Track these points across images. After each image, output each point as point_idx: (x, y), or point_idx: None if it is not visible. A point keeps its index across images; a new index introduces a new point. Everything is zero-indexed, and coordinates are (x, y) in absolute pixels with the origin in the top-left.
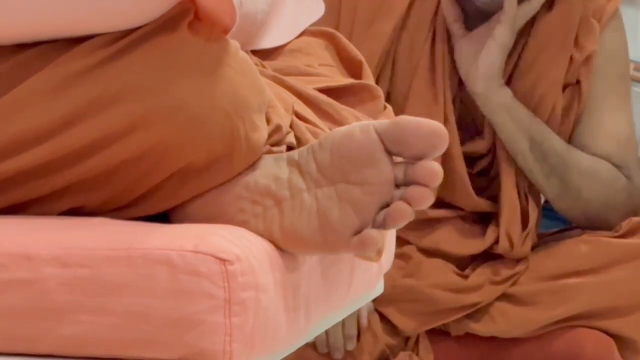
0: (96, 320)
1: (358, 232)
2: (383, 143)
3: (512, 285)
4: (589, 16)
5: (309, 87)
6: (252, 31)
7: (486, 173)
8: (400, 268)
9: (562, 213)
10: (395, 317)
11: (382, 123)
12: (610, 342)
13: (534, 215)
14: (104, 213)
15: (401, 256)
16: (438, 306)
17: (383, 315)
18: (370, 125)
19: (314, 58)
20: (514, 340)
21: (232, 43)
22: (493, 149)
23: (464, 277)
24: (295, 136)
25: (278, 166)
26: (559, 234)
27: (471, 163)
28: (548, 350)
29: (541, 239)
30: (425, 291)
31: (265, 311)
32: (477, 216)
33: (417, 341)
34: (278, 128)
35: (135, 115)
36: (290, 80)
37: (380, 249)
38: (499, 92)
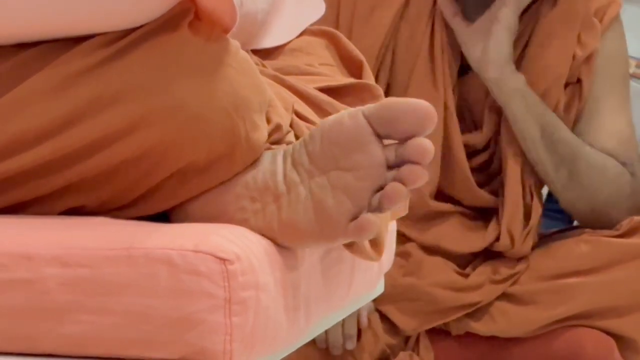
0: (96, 320)
1: (354, 218)
2: (372, 126)
3: (513, 284)
4: (591, 15)
5: (310, 87)
6: (253, 31)
7: (484, 169)
8: (400, 267)
9: (568, 207)
10: (395, 316)
11: (370, 107)
12: (610, 342)
13: (537, 213)
14: (104, 213)
15: (401, 254)
16: (438, 305)
17: (383, 314)
18: (358, 110)
19: (315, 57)
20: (514, 339)
21: (233, 43)
22: (493, 145)
23: (465, 276)
24: (295, 135)
25: (274, 162)
26: (559, 234)
27: (468, 158)
28: (548, 349)
29: (541, 239)
30: (425, 290)
31: (265, 311)
32: (479, 213)
33: (418, 341)
34: (278, 127)
35: (135, 115)
36: (290, 79)
37: (381, 247)
38: (514, 77)
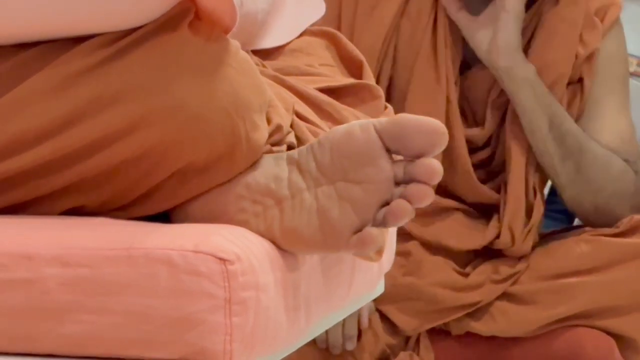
0: (96, 320)
1: (358, 231)
2: (382, 141)
3: (513, 284)
4: (592, 14)
5: (310, 87)
6: (253, 31)
7: (485, 166)
8: (400, 266)
9: (572, 203)
10: (395, 316)
11: (382, 121)
12: (610, 342)
13: (539, 211)
14: (105, 213)
15: (402, 254)
16: (438, 305)
17: (384, 314)
18: (369, 123)
19: (315, 58)
20: (515, 339)
21: (233, 43)
22: (494, 143)
23: (465, 276)
24: (295, 136)
25: (278, 165)
26: (559, 234)
27: (469, 154)
28: (548, 349)
29: (542, 239)
30: (425, 289)
31: (265, 311)
32: (480, 212)
33: (418, 341)
34: (279, 128)
35: (135, 115)
36: (290, 80)
37: (381, 249)
38: (524, 67)
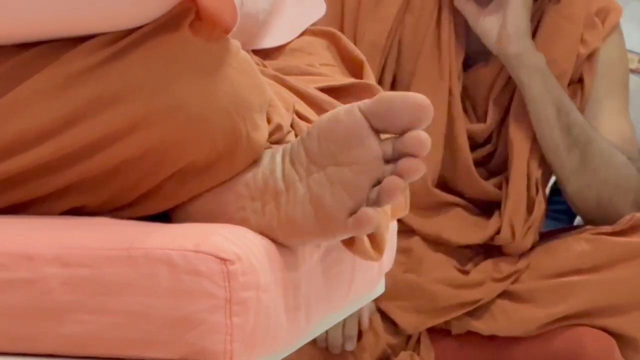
0: (97, 319)
1: (353, 213)
2: (368, 121)
3: (513, 282)
4: (592, 14)
5: (310, 87)
6: (253, 31)
7: (485, 163)
8: (401, 263)
9: (574, 196)
10: (396, 315)
11: (366, 102)
12: (611, 341)
13: (540, 207)
14: (105, 213)
15: (403, 251)
16: (439, 302)
17: (384, 314)
18: (354, 105)
19: (315, 57)
20: (515, 339)
21: (233, 43)
22: (495, 140)
23: (465, 273)
24: (295, 135)
25: (273, 160)
26: (560, 233)
27: (470, 150)
28: (549, 349)
29: (542, 238)
30: (425, 287)
31: (266, 311)
32: (481, 209)
33: (419, 340)
34: (279, 127)
35: (136, 115)
36: (291, 79)
37: (381, 246)
38: (535, 54)
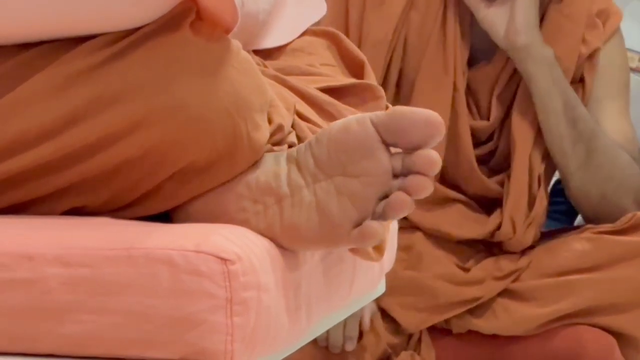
0: (97, 319)
1: (358, 225)
2: (379, 134)
3: (514, 281)
4: (593, 15)
5: (311, 87)
6: (254, 31)
7: (487, 161)
8: (402, 260)
9: (578, 192)
10: (396, 313)
11: (378, 115)
12: (611, 341)
13: (542, 203)
14: (106, 213)
15: (404, 248)
16: (439, 299)
17: (385, 313)
18: (366, 117)
19: (316, 58)
20: (516, 338)
21: (234, 43)
22: (496, 138)
23: (466, 271)
24: (296, 136)
25: (277, 163)
26: (561, 232)
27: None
28: (549, 348)
29: (543, 237)
30: (426, 283)
31: (266, 311)
32: (483, 207)
33: (419, 340)
34: (280, 128)
35: (136, 115)
36: (292, 80)
37: (382, 247)
38: (543, 46)
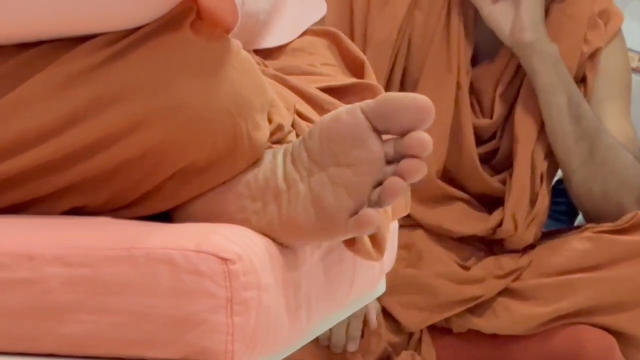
0: (98, 319)
1: (354, 214)
2: (370, 122)
3: (515, 280)
4: (595, 15)
5: (311, 87)
6: (254, 30)
7: (489, 159)
8: (402, 259)
9: (580, 188)
10: (397, 311)
11: (368, 103)
12: (612, 340)
13: (544, 201)
14: (106, 213)
15: (404, 246)
16: (439, 297)
17: (386, 312)
18: (356, 106)
19: (316, 57)
20: (516, 338)
21: (234, 42)
22: (499, 137)
23: (467, 269)
24: (296, 135)
25: (274, 160)
26: (562, 232)
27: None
28: (549, 348)
29: (544, 237)
30: (426, 281)
31: (267, 310)
32: (485, 205)
33: (420, 339)
34: (280, 127)
35: (137, 114)
36: (292, 79)
37: (382, 246)
38: (549, 43)
